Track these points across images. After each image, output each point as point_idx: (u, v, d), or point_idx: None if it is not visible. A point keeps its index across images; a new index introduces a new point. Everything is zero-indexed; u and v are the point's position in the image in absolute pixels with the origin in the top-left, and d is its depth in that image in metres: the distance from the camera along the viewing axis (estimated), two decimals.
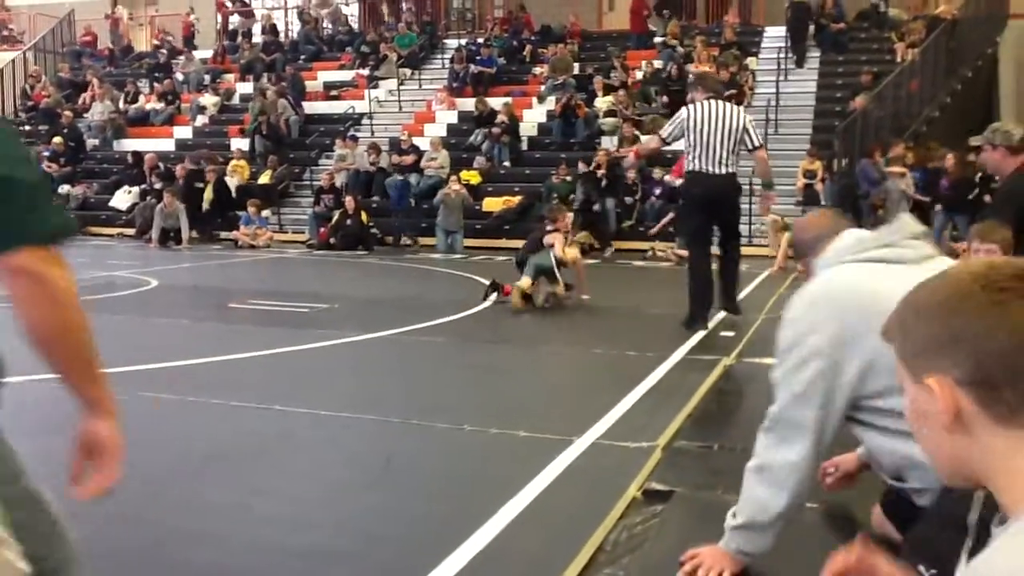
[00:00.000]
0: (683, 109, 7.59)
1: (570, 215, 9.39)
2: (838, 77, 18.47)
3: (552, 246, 8.72)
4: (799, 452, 2.54)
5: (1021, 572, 0.87)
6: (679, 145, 7.89)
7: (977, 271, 0.98)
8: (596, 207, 15.53)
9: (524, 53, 21.54)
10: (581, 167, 16.07)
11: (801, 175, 15.52)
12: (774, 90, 17.92)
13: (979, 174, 12.36)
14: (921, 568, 2.55)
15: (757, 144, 7.50)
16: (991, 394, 0.94)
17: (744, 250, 8.62)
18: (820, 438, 2.54)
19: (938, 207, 13.34)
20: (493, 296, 8.98)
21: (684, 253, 9.82)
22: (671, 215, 14.65)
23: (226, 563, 2.83)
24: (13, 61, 24.13)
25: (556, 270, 8.72)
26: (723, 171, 7.20)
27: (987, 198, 11.52)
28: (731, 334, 7.04)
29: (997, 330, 0.93)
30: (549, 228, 9.03)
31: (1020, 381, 0.93)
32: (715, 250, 7.74)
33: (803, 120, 17.54)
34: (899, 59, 17.68)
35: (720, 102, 7.49)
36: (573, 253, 9.01)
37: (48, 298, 1.55)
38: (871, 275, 2.49)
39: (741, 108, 7.89)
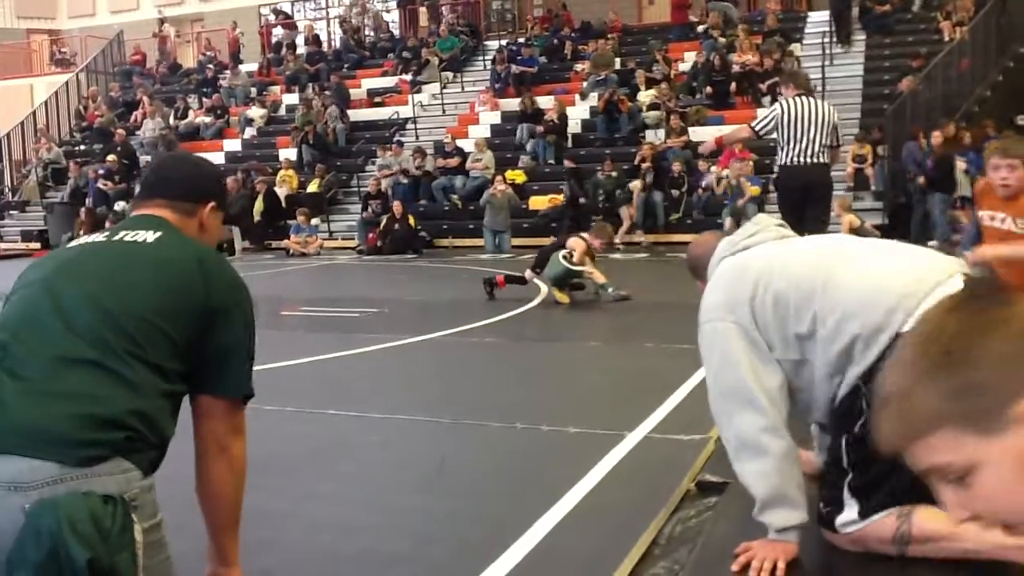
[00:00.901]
0: (776, 105, 7.80)
1: (606, 241, 9.50)
2: (885, 60, 18.14)
3: (573, 251, 8.72)
4: (755, 411, 2.57)
5: None
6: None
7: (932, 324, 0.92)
8: (582, 201, 15.77)
9: (565, 51, 21.52)
10: (567, 163, 16.17)
11: (851, 160, 15.28)
12: (820, 76, 17.65)
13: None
14: (820, 504, 2.66)
15: (840, 143, 7.90)
16: None
17: None
18: (764, 390, 2.56)
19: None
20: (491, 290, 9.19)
21: None
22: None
23: (280, 570, 2.86)
24: (67, 83, 24.72)
25: (567, 275, 8.70)
26: (819, 161, 7.40)
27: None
28: None
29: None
30: (584, 235, 9.08)
31: None
32: None
33: (851, 104, 17.24)
34: (947, 38, 17.32)
35: (812, 98, 7.67)
36: (588, 267, 8.93)
37: (229, 469, 1.99)
38: (743, 258, 2.75)
39: (831, 105, 8.08)
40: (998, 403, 0.86)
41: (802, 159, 7.38)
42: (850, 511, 2.57)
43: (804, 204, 7.50)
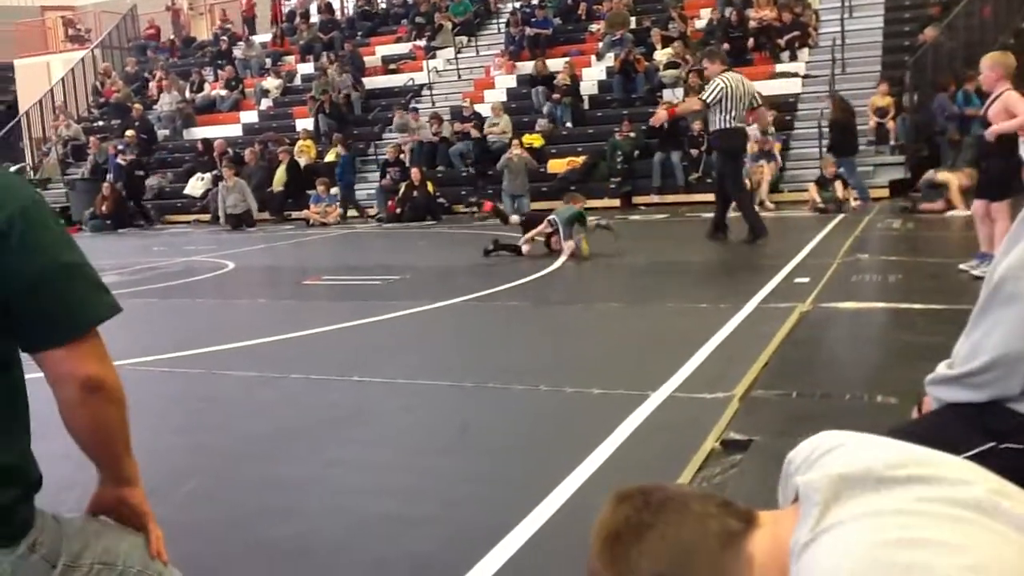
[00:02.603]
0: (718, 79, 9.63)
1: (582, 205, 10.08)
2: (905, 10, 17.84)
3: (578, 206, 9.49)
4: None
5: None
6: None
7: (601, 523, 1.12)
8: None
9: (579, 11, 21.29)
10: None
11: (872, 112, 15.08)
12: (839, 28, 17.41)
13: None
14: None
15: (760, 103, 10.15)
16: None
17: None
18: None
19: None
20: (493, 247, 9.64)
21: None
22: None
23: (307, 534, 2.89)
24: (83, 60, 24.76)
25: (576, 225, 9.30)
26: (745, 124, 9.94)
27: None
28: (806, 280, 6.91)
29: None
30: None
31: None
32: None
33: (871, 57, 16.99)
34: None
35: (734, 72, 9.93)
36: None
37: (107, 403, 1.51)
38: None
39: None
40: None
41: (736, 123, 9.59)
42: None
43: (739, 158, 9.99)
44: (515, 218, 9.07)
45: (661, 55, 18.10)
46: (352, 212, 17.05)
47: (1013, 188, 6.87)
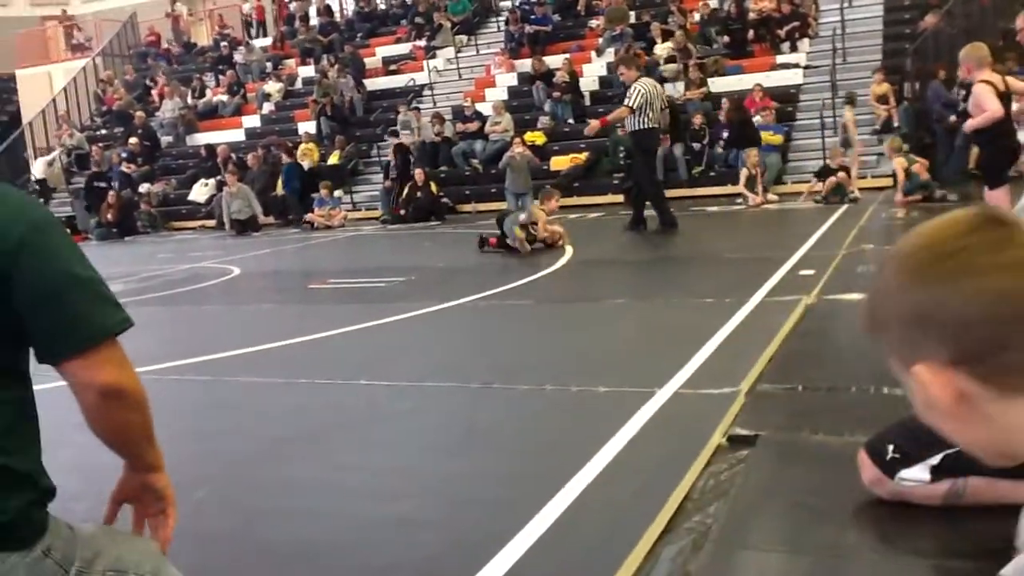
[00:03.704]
0: (637, 85, 10.62)
1: (557, 199, 10.83)
2: None
3: (535, 222, 9.91)
4: None
5: None
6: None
7: (924, 240, 0.88)
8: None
9: (579, 7, 21.29)
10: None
11: (875, 100, 15.06)
12: (839, 18, 17.38)
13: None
14: (889, 447, 2.59)
15: (667, 105, 11.64)
16: (983, 368, 0.84)
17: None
18: None
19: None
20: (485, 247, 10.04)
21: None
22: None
23: (316, 539, 2.90)
24: (84, 68, 24.81)
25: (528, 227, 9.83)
26: (660, 125, 11.13)
27: None
28: (811, 272, 6.91)
29: (961, 299, 0.84)
30: (540, 207, 10.25)
31: (1005, 348, 0.83)
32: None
33: (872, 46, 16.96)
34: None
35: (650, 77, 11.47)
36: (553, 228, 10.12)
37: (129, 409, 1.56)
38: None
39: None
40: (909, 352, 0.88)
41: (652, 124, 10.56)
42: (921, 472, 2.59)
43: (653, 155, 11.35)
44: (518, 229, 9.64)
45: (661, 49, 18.09)
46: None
47: (1006, 175, 6.91)
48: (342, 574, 2.66)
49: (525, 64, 19.36)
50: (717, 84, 16.96)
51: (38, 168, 21.71)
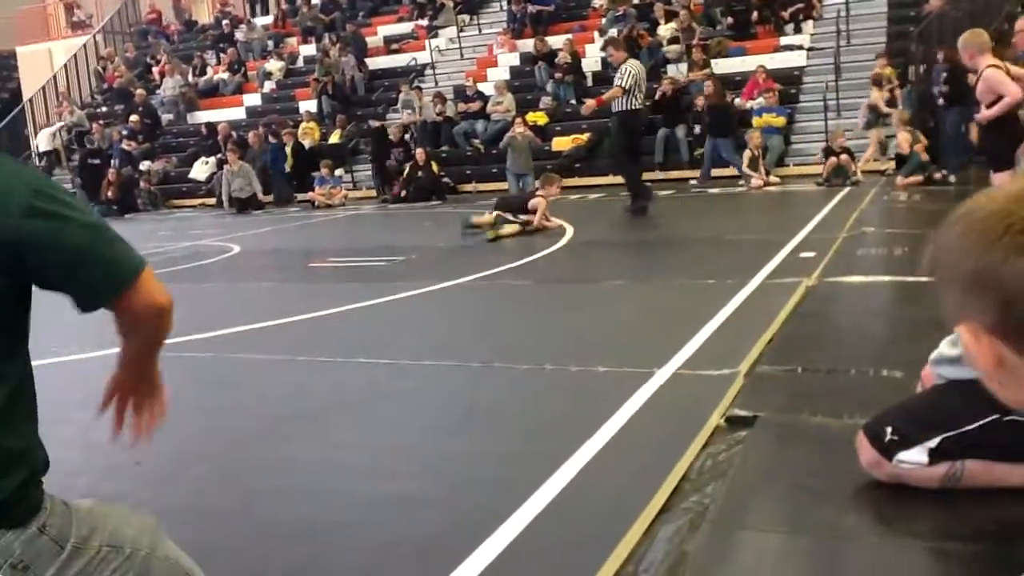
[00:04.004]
0: (627, 65, 10.77)
1: (559, 185, 10.78)
2: None
3: (534, 211, 9.75)
4: None
5: None
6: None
7: (1001, 208, 0.88)
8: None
9: None
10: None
11: (873, 84, 14.97)
12: (844, 0, 17.28)
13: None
14: (888, 429, 2.59)
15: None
16: (1021, 343, 0.86)
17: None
18: None
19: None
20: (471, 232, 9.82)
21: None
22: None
23: (316, 517, 2.91)
24: (84, 46, 24.70)
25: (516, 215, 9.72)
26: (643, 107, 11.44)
27: None
28: (812, 254, 6.90)
29: (1013, 274, 0.84)
30: (540, 193, 10.12)
31: None
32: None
33: (876, 28, 16.87)
34: None
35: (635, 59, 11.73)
36: (550, 223, 9.94)
37: (170, 319, 1.70)
38: None
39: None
40: (960, 310, 0.91)
41: (638, 105, 10.84)
42: (919, 454, 2.59)
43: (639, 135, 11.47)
44: (489, 215, 9.79)
45: (664, 30, 18.00)
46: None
47: (1012, 159, 6.87)
48: (342, 551, 2.67)
49: (527, 44, 19.26)
50: (720, 66, 16.88)
51: (43, 139, 21.62)
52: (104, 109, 23.11)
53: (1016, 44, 7.00)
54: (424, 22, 21.47)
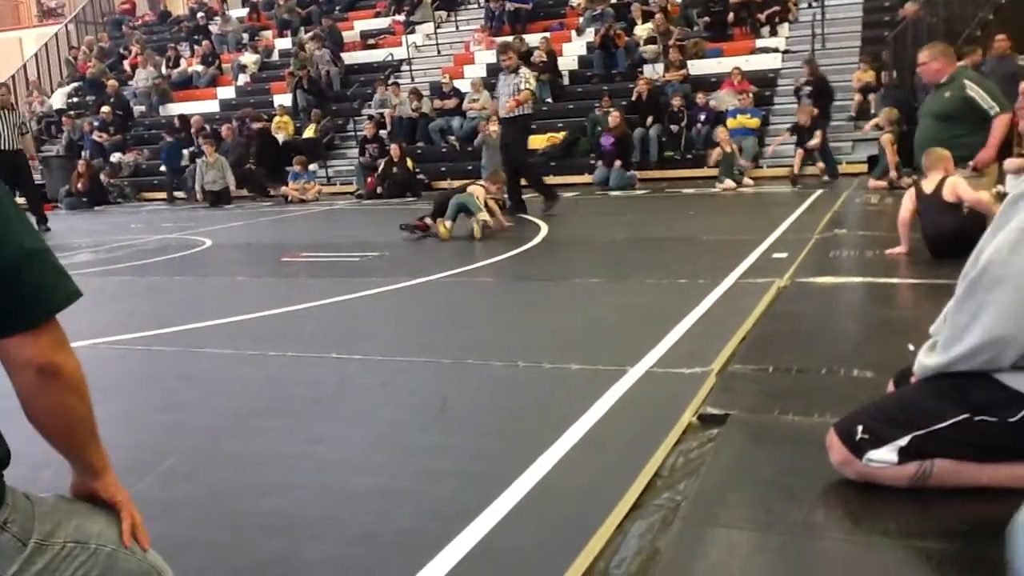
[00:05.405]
0: (525, 71, 11.58)
1: (500, 184, 10.66)
2: None
3: (476, 196, 9.68)
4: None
5: None
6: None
7: None
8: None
9: None
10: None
11: (856, 87, 15.12)
12: (819, 4, 17.41)
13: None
14: (859, 428, 2.66)
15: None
16: None
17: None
18: None
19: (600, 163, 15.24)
20: (408, 233, 9.75)
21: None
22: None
23: (290, 510, 2.89)
24: (56, 34, 24.41)
25: (477, 204, 9.56)
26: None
27: None
28: (784, 255, 6.95)
29: None
30: (480, 183, 10.21)
31: None
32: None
33: (851, 32, 17.02)
34: None
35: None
36: (491, 204, 9.95)
37: (66, 391, 1.50)
38: None
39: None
40: None
41: (530, 110, 11.66)
42: (889, 453, 2.61)
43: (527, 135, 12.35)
44: (448, 222, 9.60)
45: (641, 30, 18.06)
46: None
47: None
48: (315, 545, 2.65)
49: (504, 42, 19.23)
50: (697, 67, 16.96)
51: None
52: (75, 100, 22.84)
53: (926, 73, 7.11)
54: (401, 17, 21.41)
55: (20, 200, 12.82)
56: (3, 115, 13.09)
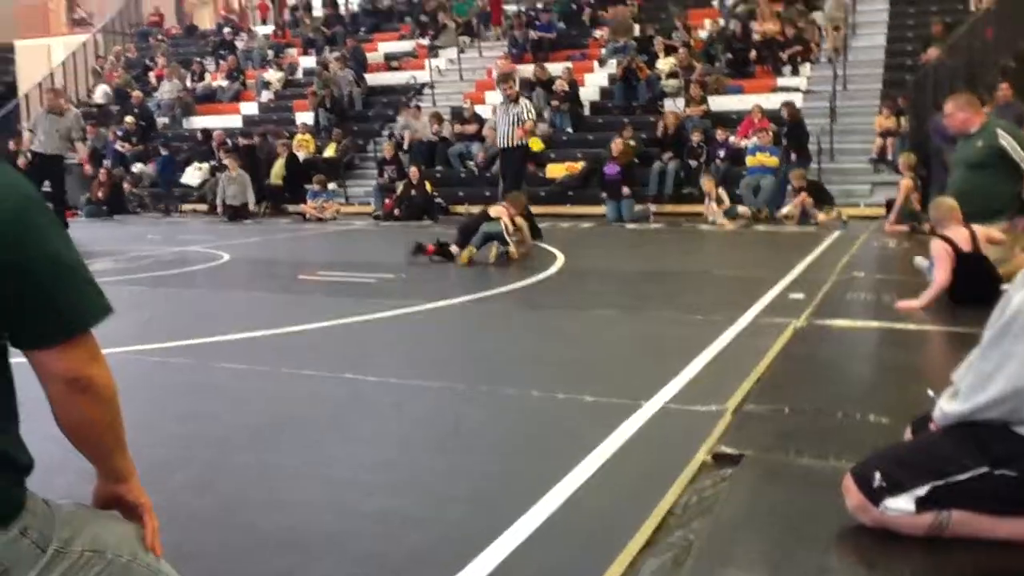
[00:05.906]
0: (525, 101, 12.19)
1: (523, 202, 10.52)
2: (908, 29, 17.90)
3: (499, 218, 9.66)
4: None
5: None
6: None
7: None
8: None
9: (584, 16, 21.32)
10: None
11: (880, 133, 15.12)
12: (842, 44, 17.46)
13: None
14: (877, 474, 2.63)
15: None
16: None
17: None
18: None
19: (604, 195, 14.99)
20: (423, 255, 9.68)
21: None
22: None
23: (300, 526, 2.89)
24: (84, 44, 24.68)
25: (505, 234, 9.52)
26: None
27: None
28: (800, 296, 6.93)
29: None
30: (502, 205, 10.07)
31: None
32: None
33: (872, 74, 17.05)
34: (972, 7, 17.07)
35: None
36: (519, 221, 9.98)
37: (96, 403, 1.53)
38: None
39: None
40: None
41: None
42: (907, 503, 2.59)
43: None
44: (455, 249, 9.57)
45: (664, 64, 18.13)
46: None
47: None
48: (326, 562, 2.65)
49: (527, 70, 19.35)
50: (717, 103, 17.01)
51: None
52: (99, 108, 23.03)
53: (952, 123, 7.13)
54: (425, 41, 21.56)
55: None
56: (50, 119, 13.17)
